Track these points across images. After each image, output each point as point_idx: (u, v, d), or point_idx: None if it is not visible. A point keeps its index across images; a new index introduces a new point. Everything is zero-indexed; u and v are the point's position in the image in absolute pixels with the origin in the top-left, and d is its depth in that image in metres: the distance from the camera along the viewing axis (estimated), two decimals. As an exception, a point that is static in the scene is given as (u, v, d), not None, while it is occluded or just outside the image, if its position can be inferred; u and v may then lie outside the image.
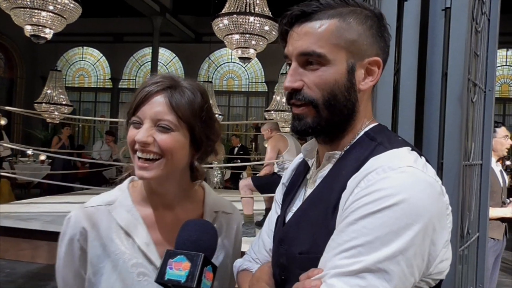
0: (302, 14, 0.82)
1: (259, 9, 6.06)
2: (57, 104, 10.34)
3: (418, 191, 0.70)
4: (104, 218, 0.97)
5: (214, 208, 1.07)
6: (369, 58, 0.83)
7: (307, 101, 0.82)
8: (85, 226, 0.96)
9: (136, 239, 0.96)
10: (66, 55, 16.21)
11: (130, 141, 0.93)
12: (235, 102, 15.21)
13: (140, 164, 0.92)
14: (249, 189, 4.66)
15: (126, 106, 0.96)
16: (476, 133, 1.53)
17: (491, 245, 3.05)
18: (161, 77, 0.96)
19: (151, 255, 0.95)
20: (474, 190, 1.54)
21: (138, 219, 0.98)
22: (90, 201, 1.01)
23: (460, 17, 1.25)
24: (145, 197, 1.01)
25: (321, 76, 0.81)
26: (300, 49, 0.81)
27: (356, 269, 0.67)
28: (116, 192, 1.03)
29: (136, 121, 0.93)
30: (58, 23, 5.72)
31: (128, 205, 0.99)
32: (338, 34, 0.80)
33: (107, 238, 0.96)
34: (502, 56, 13.06)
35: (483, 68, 1.57)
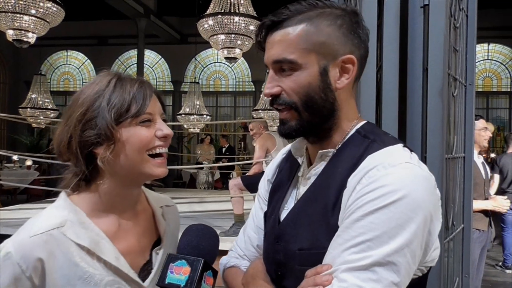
0: (273, 24, 0.85)
1: (244, 9, 6.06)
2: (42, 108, 10.22)
3: (417, 186, 0.74)
4: (60, 243, 0.84)
5: (159, 203, 1.05)
6: (342, 56, 0.84)
7: (287, 105, 0.85)
8: (41, 257, 0.82)
9: (102, 256, 0.86)
10: (50, 59, 16.03)
11: (147, 140, 0.89)
12: (223, 102, 15.20)
13: (159, 161, 0.91)
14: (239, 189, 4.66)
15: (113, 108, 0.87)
16: (458, 127, 1.56)
17: (476, 236, 3.11)
18: (126, 74, 0.95)
19: (123, 269, 0.88)
20: (458, 183, 1.58)
21: (99, 234, 0.88)
22: (31, 228, 0.84)
23: (438, 13, 1.28)
24: (99, 209, 0.91)
25: (295, 80, 0.84)
26: (273, 57, 0.85)
27: (367, 263, 0.70)
28: (59, 211, 0.89)
29: (147, 119, 0.90)
30: (41, 27, 5.65)
31: (83, 221, 0.88)
32: (307, 38, 0.83)
33: (70, 264, 0.83)
34: (484, 51, 13.27)
35: (463, 63, 1.61)
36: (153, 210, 1.02)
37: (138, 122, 0.89)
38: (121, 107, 0.87)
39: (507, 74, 13.43)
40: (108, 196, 0.91)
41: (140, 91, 0.90)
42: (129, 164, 0.89)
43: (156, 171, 0.90)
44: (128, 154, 0.88)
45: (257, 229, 1.03)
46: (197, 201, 6.68)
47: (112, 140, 0.86)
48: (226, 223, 4.50)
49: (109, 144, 0.87)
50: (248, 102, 14.93)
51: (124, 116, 0.87)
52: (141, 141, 0.88)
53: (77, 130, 0.87)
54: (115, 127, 0.86)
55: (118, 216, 0.93)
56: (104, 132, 0.86)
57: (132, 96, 0.88)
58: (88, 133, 0.87)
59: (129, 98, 0.88)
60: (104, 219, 0.91)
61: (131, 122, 0.88)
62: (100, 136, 0.86)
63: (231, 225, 4.37)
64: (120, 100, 0.87)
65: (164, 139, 0.91)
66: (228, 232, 4.26)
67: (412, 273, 0.74)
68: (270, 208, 0.99)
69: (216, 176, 10.38)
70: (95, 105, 0.87)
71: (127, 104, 0.88)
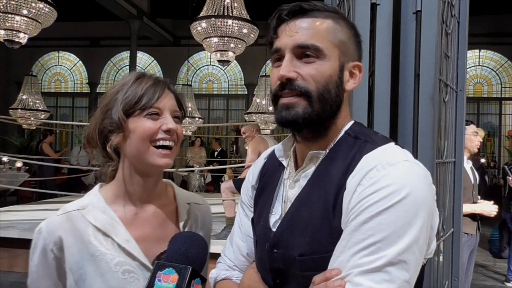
0: (300, 10, 0.86)
1: (237, 12, 6.08)
2: (33, 110, 10.14)
3: (418, 183, 0.75)
4: (78, 223, 0.97)
5: (186, 200, 1.11)
6: (353, 62, 0.89)
7: (302, 91, 0.83)
8: (60, 234, 0.95)
9: (115, 237, 0.96)
10: (41, 60, 15.90)
11: (151, 131, 0.96)
12: (215, 105, 15.18)
13: (162, 152, 0.97)
14: (231, 192, 4.66)
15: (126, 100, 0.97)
16: (449, 132, 1.58)
17: (465, 240, 3.13)
18: (149, 74, 1.03)
19: (133, 251, 0.96)
20: (448, 187, 1.59)
21: (114, 218, 0.98)
22: (61, 209, 1.00)
23: (430, 20, 1.30)
24: (119, 197, 1.02)
25: (318, 69, 0.84)
26: (299, 41, 0.84)
27: (380, 265, 0.70)
28: (87, 197, 1.03)
29: (154, 112, 0.97)
30: (33, 28, 5.61)
31: (102, 206, 0.99)
32: (334, 33, 0.86)
33: (85, 242, 0.95)
34: (475, 57, 13.40)
35: (454, 69, 1.62)
36: (177, 205, 1.08)
37: (145, 115, 0.97)
38: (132, 100, 0.97)
39: (497, 80, 13.58)
40: (126, 184, 1.01)
41: (153, 87, 0.98)
42: (135, 152, 0.98)
43: (159, 161, 0.97)
44: (134, 143, 0.97)
45: (244, 237, 1.01)
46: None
47: (121, 129, 0.97)
48: (218, 226, 4.49)
49: (119, 132, 0.97)
50: (240, 105, 14.93)
51: (133, 108, 0.97)
52: (144, 132, 0.96)
53: (99, 119, 1.00)
54: (124, 117, 0.96)
55: (136, 205, 1.02)
56: (116, 121, 0.97)
57: (144, 91, 0.97)
58: (105, 122, 0.99)
59: (141, 93, 0.97)
60: (122, 206, 1.01)
61: (139, 114, 0.97)
62: (113, 125, 0.98)
63: (223, 228, 4.37)
64: (133, 94, 0.97)
65: (168, 133, 0.97)
66: (219, 235, 4.25)
67: (419, 268, 0.75)
68: (256, 214, 0.97)
69: (207, 179, 10.36)
70: (114, 98, 0.99)
71: (138, 97, 0.97)
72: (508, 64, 13.43)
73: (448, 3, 1.49)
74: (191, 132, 10.83)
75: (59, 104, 15.89)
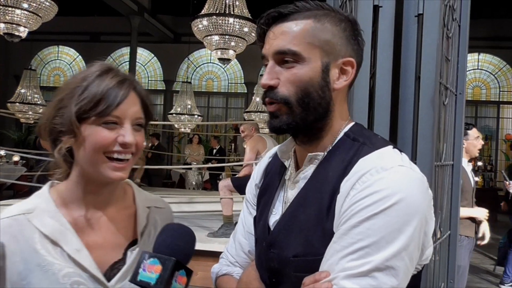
0: (279, 15, 0.85)
1: (239, 11, 6.08)
2: (31, 104, 10.13)
3: (412, 189, 0.74)
4: (23, 228, 0.86)
5: (146, 203, 1.02)
6: (343, 58, 0.86)
7: (279, 100, 0.84)
8: (2, 240, 0.84)
9: (64, 246, 0.86)
10: (40, 54, 15.87)
11: (105, 143, 0.86)
12: (214, 103, 15.17)
13: (117, 165, 0.87)
14: (229, 190, 4.66)
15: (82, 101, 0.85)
16: (448, 135, 1.59)
17: (466, 243, 3.14)
18: (116, 69, 0.92)
19: (84, 262, 0.86)
20: (446, 190, 1.60)
21: (64, 225, 0.88)
22: (4, 211, 0.88)
23: (432, 23, 1.30)
24: (72, 200, 0.91)
25: (296, 73, 0.83)
26: (276, 47, 0.84)
27: (366, 269, 0.70)
28: (34, 199, 0.91)
29: (112, 121, 0.86)
30: (33, 22, 5.61)
31: (51, 210, 0.89)
32: (313, 33, 0.83)
33: (30, 250, 0.85)
34: (474, 60, 13.43)
35: (454, 72, 1.63)
36: (136, 209, 0.99)
37: (101, 123, 0.86)
38: (88, 104, 0.85)
39: (496, 84, 13.62)
40: (78, 189, 0.91)
41: (115, 90, 0.86)
42: (86, 161, 0.88)
43: (111, 174, 0.88)
44: (86, 151, 0.87)
45: (247, 234, 1.02)
46: (186, 201, 6.65)
47: (73, 134, 0.86)
48: (215, 224, 4.49)
49: (70, 137, 0.87)
50: (240, 103, 14.93)
51: (88, 113, 0.85)
52: (97, 142, 0.86)
53: (51, 116, 0.89)
54: (76, 123, 0.85)
55: (90, 210, 0.92)
56: (67, 124, 0.86)
57: (103, 94, 0.86)
58: (56, 121, 0.88)
59: (100, 96, 0.85)
60: (74, 211, 0.91)
61: (95, 121, 0.86)
62: (64, 126, 0.87)
63: (220, 226, 4.37)
64: (91, 95, 0.85)
65: (124, 146, 0.87)
66: (216, 233, 4.25)
67: (410, 275, 0.75)
68: (258, 213, 0.98)
69: (205, 177, 10.36)
70: (71, 94, 0.87)
71: (96, 101, 0.85)
72: (507, 68, 13.47)
73: (450, 7, 1.50)
74: (190, 129, 10.82)
75: (58, 98, 15.86)
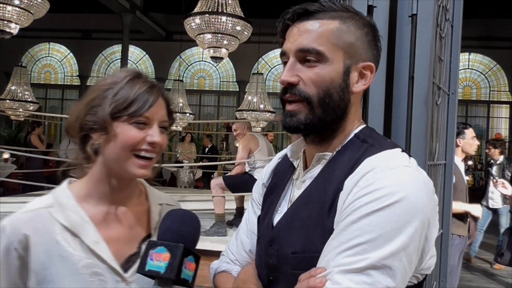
0: (305, 13, 0.84)
1: (231, 9, 6.07)
2: (21, 101, 10.03)
3: (415, 189, 0.73)
4: (45, 221, 0.91)
5: (158, 200, 1.08)
6: (364, 62, 0.86)
7: (302, 97, 0.83)
8: (25, 232, 0.90)
9: (83, 238, 0.91)
10: (31, 51, 15.73)
11: (134, 141, 0.92)
12: (206, 101, 15.16)
13: (142, 162, 0.93)
14: (221, 188, 4.66)
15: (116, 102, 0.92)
16: (440, 134, 1.60)
17: (457, 243, 3.16)
18: (145, 76, 0.99)
19: (102, 254, 0.91)
20: (438, 189, 1.61)
21: (84, 218, 0.93)
22: (26, 206, 0.94)
23: (425, 23, 1.31)
24: (91, 195, 0.97)
25: (318, 73, 0.82)
26: (300, 45, 0.83)
27: (362, 266, 0.69)
28: (55, 194, 0.97)
29: (142, 122, 0.93)
30: (24, 18, 5.55)
31: (72, 204, 0.94)
32: (338, 34, 0.83)
33: (51, 241, 0.90)
34: (464, 60, 13.56)
35: (446, 72, 1.64)
36: (149, 206, 1.05)
37: (132, 122, 0.92)
38: (122, 104, 0.92)
39: (486, 83, 13.76)
40: (99, 184, 0.97)
41: (146, 94, 0.93)
42: (114, 158, 0.94)
43: (136, 171, 0.93)
44: (115, 148, 0.92)
45: (249, 233, 1.01)
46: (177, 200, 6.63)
47: (104, 131, 0.92)
48: (207, 223, 4.48)
49: (102, 133, 0.93)
50: (231, 102, 14.92)
51: (121, 112, 0.92)
52: (127, 140, 0.92)
53: (82, 113, 0.95)
54: (109, 120, 0.92)
55: (108, 205, 0.98)
56: (100, 121, 0.92)
57: (136, 96, 0.93)
58: (88, 118, 0.94)
59: (133, 98, 0.92)
60: (93, 206, 0.96)
61: (126, 120, 0.92)
62: (96, 124, 0.93)
63: (212, 225, 4.36)
64: (124, 97, 0.92)
65: (152, 145, 0.93)
66: (208, 231, 4.25)
67: (408, 278, 0.73)
68: (263, 212, 0.97)
69: (197, 175, 10.34)
70: (103, 95, 0.94)
71: (129, 102, 0.92)
72: (497, 68, 13.61)
73: (443, 7, 1.51)
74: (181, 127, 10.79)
75: (49, 96, 15.74)
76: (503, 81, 13.63)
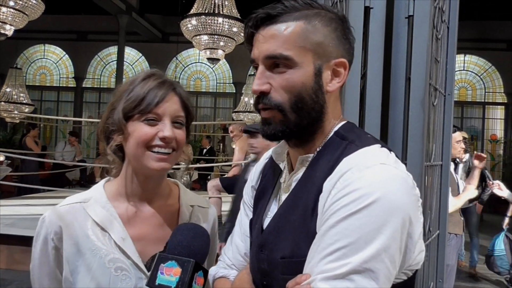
0: (268, 17, 0.81)
1: (228, 11, 6.07)
2: (17, 103, 9.99)
3: (392, 187, 0.71)
4: (79, 215, 0.98)
5: (190, 202, 1.10)
6: (335, 59, 0.83)
7: (273, 106, 0.81)
8: (60, 224, 0.97)
9: (112, 234, 0.97)
10: (26, 53, 15.65)
11: (146, 137, 0.95)
12: (203, 103, 15.14)
13: (158, 156, 0.96)
14: (217, 190, 4.66)
15: (127, 102, 0.96)
16: (437, 135, 1.60)
17: (455, 242, 3.17)
18: (159, 74, 1.02)
19: (128, 250, 0.96)
20: (435, 190, 1.61)
21: (113, 215, 0.99)
22: (65, 200, 1.02)
23: (422, 25, 1.31)
24: (121, 194, 1.02)
25: (288, 79, 0.80)
26: (267, 52, 0.81)
27: (343, 271, 0.67)
28: (91, 190, 1.04)
29: (153, 118, 0.96)
30: (19, 20, 5.54)
31: (103, 201, 1.00)
32: (304, 36, 0.80)
33: (83, 235, 0.96)
34: (460, 61, 13.61)
35: (443, 73, 1.65)
36: (180, 207, 1.08)
37: (143, 119, 0.96)
38: (133, 103, 0.96)
39: (481, 85, 13.82)
40: (128, 183, 1.02)
41: (155, 90, 0.97)
42: (132, 155, 0.99)
43: (154, 165, 0.96)
44: (132, 146, 0.97)
45: (243, 237, 1.00)
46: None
47: (121, 131, 0.97)
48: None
49: (119, 134, 0.98)
50: (228, 103, 14.92)
51: (132, 111, 0.96)
52: (140, 137, 0.96)
53: (105, 117, 1.01)
54: (123, 120, 0.97)
55: (138, 204, 1.03)
56: (117, 123, 0.98)
57: (145, 94, 0.96)
58: (109, 120, 1.00)
59: (143, 96, 0.96)
60: (123, 204, 1.02)
61: (138, 118, 0.96)
62: (114, 125, 0.98)
63: (209, 227, 4.36)
64: (135, 96, 0.97)
65: (164, 141, 0.96)
66: (205, 233, 4.24)
67: (392, 278, 0.71)
68: (255, 216, 0.96)
69: (194, 177, 10.32)
70: (120, 97, 0.99)
71: (139, 100, 0.96)
72: (492, 70, 13.68)
73: (439, 9, 1.52)
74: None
75: (44, 98, 15.66)
76: (498, 82, 13.70)
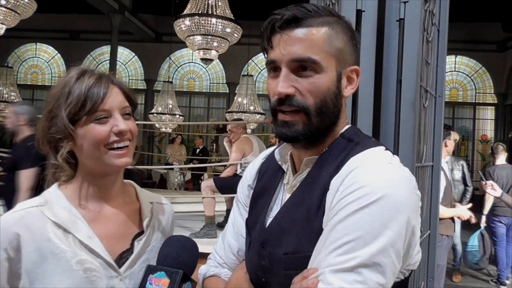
0: (294, 19, 0.81)
1: (221, 11, 6.08)
2: (7, 102, 9.91)
3: (398, 186, 0.75)
4: (36, 219, 0.90)
5: (149, 199, 1.08)
6: (350, 66, 0.87)
7: (300, 107, 0.82)
8: (17, 231, 0.88)
9: (76, 234, 0.91)
10: (17, 51, 15.52)
11: (102, 137, 0.91)
12: (196, 103, 15.10)
13: (118, 153, 0.93)
14: (211, 190, 4.65)
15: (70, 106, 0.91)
16: (428, 136, 1.63)
17: (446, 243, 3.20)
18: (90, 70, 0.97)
19: (96, 248, 0.91)
20: (426, 190, 1.64)
21: (76, 215, 0.93)
22: (16, 206, 0.94)
23: (413, 27, 1.34)
24: (80, 196, 0.97)
25: (315, 83, 0.82)
26: (294, 55, 0.81)
27: (352, 265, 0.70)
28: (45, 194, 0.97)
29: (102, 116, 0.92)
30: (11, 18, 5.49)
31: (63, 203, 0.94)
32: (329, 42, 0.82)
33: (43, 239, 0.89)
34: (451, 62, 13.71)
35: (433, 75, 1.67)
36: (140, 204, 1.05)
37: (93, 120, 0.92)
38: (76, 106, 0.91)
39: (472, 86, 13.94)
40: (87, 185, 0.97)
41: (95, 88, 0.92)
42: (90, 158, 0.94)
43: (117, 162, 0.94)
44: (87, 150, 0.93)
45: (237, 236, 1.01)
46: (167, 202, 6.60)
47: (70, 137, 0.92)
48: (197, 225, 4.48)
49: (68, 141, 0.93)
50: (221, 103, 14.90)
51: (78, 114, 0.91)
52: (95, 138, 0.92)
53: (45, 127, 0.95)
54: (70, 126, 0.91)
55: (98, 204, 0.98)
56: (63, 130, 0.92)
57: (86, 93, 0.91)
58: (52, 130, 0.94)
59: (84, 96, 0.91)
60: (84, 205, 0.97)
61: (87, 120, 0.92)
62: (60, 133, 0.93)
63: (202, 227, 4.36)
64: (76, 98, 0.91)
65: (120, 135, 0.93)
66: (198, 233, 4.24)
67: (397, 273, 0.74)
68: (253, 215, 0.97)
69: (187, 177, 10.31)
70: (58, 104, 0.93)
71: (82, 102, 0.91)
72: (483, 71, 13.80)
73: (429, 12, 1.54)
74: (171, 129, 10.75)
75: (36, 97, 15.53)
76: (488, 83, 13.82)
